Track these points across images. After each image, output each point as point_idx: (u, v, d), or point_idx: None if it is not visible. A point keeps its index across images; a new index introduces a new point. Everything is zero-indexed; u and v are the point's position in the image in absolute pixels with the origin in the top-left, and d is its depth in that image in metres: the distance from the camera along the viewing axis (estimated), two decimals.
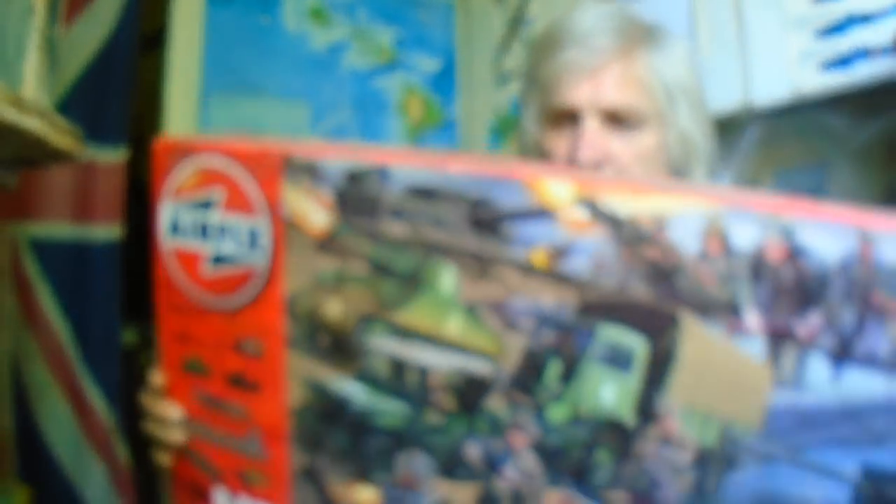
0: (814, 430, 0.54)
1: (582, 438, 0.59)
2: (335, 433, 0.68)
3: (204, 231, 0.69)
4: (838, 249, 0.51)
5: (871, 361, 0.52)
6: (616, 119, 0.97)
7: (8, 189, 0.99)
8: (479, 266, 0.60)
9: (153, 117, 2.18)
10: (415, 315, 0.63)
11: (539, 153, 1.03)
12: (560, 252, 0.57)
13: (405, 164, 0.61)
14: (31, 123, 0.92)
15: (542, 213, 0.57)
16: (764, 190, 1.62)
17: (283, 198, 0.65)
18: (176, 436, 0.75)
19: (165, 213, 0.71)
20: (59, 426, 1.87)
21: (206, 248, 0.70)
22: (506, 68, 2.30)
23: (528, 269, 0.58)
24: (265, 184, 0.66)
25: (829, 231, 0.51)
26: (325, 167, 0.63)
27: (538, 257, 0.58)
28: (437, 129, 2.65)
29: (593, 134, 0.96)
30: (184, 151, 0.69)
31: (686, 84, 1.01)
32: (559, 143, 1.00)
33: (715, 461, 0.56)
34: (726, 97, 1.63)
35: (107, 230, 1.97)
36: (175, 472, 0.76)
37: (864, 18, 1.44)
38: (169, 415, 0.74)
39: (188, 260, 0.70)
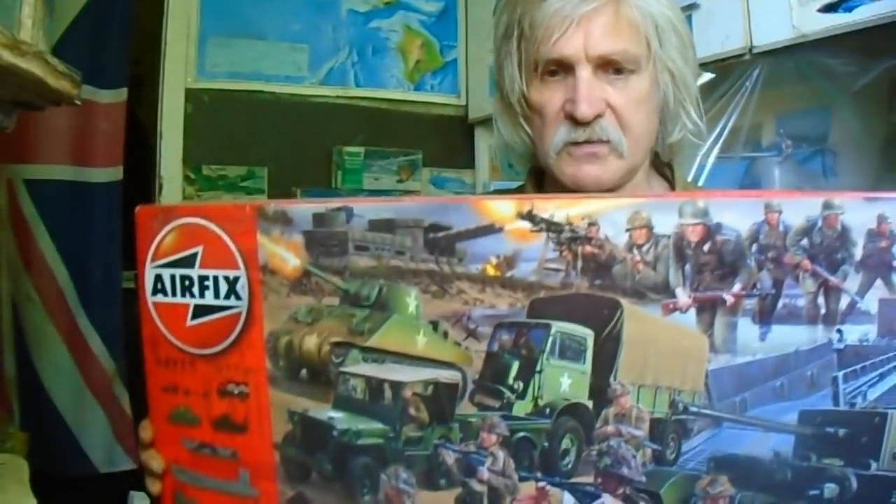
0: (752, 387, 0.61)
1: (546, 429, 0.65)
2: (320, 460, 0.73)
3: (185, 286, 0.75)
4: (748, 220, 0.59)
5: (792, 315, 0.59)
6: (610, 66, 0.95)
7: (6, 131, 0.97)
8: (439, 285, 0.67)
9: (151, 60, 2.25)
10: (385, 338, 0.69)
11: (528, 106, 1.01)
12: (509, 261, 0.64)
13: (366, 203, 0.69)
14: (29, 66, 0.92)
15: (489, 229, 0.64)
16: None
17: (258, 247, 0.72)
18: (157, 487, 0.80)
19: (149, 274, 0.77)
20: (57, 371, 1.86)
21: (188, 301, 0.76)
22: None
23: (482, 281, 0.65)
24: (241, 237, 0.72)
25: (739, 206, 0.59)
26: (294, 212, 0.71)
27: (490, 268, 0.65)
28: (437, 70, 2.73)
29: (589, 86, 0.95)
30: (164, 216, 0.76)
31: (675, 23, 1.00)
32: (552, 96, 0.97)
33: (670, 431, 0.62)
34: (728, 39, 1.66)
35: (106, 171, 1.98)
36: None
37: None
38: (151, 466, 0.77)
39: (173, 313, 0.76)
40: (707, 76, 1.72)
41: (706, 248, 0.59)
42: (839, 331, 0.57)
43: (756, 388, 0.60)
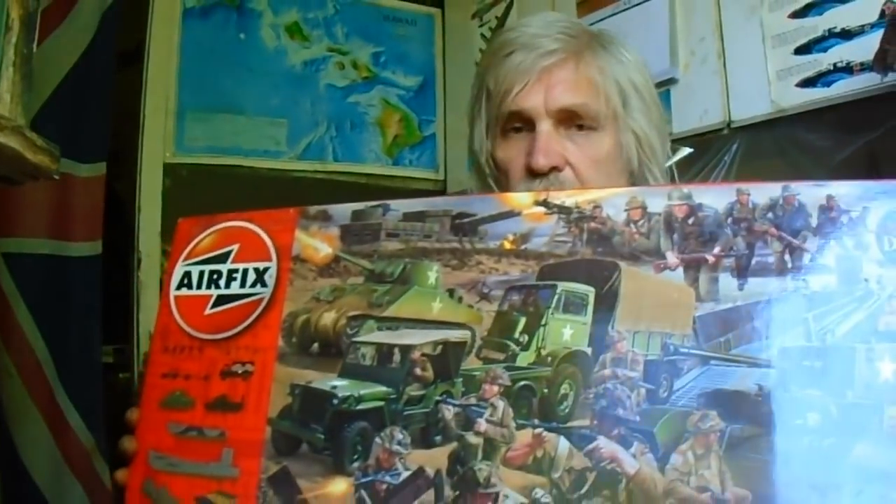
0: (734, 329, 0.72)
1: (546, 376, 0.73)
2: (313, 430, 0.78)
3: (213, 279, 0.86)
4: (723, 201, 0.76)
5: (764, 270, 0.73)
6: (570, 121, 1.02)
7: None
8: (459, 259, 0.80)
9: (130, 134, 2.27)
10: (401, 308, 0.80)
11: (493, 165, 1.06)
12: (524, 237, 0.79)
13: (402, 200, 0.84)
14: (7, 141, 0.95)
15: (509, 214, 0.80)
16: None
17: (293, 241, 0.84)
18: (122, 475, 0.84)
19: (178, 272, 0.87)
20: (36, 448, 1.84)
21: (212, 292, 0.85)
22: None
23: (499, 254, 0.78)
24: (279, 234, 0.86)
25: (715, 191, 0.77)
26: (334, 210, 0.85)
27: (507, 243, 0.79)
28: (415, 145, 2.77)
29: (548, 139, 1.00)
30: (207, 222, 0.89)
31: (639, 85, 1.06)
32: (516, 153, 1.03)
33: (662, 371, 0.71)
34: (707, 114, 1.71)
35: (85, 245, 2.00)
36: None
37: (843, 35, 1.54)
38: (125, 447, 0.79)
39: (193, 304, 0.87)
40: (686, 150, 1.81)
41: (690, 221, 0.75)
42: (805, 280, 0.71)
43: (738, 330, 0.71)
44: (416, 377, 0.79)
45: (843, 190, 0.75)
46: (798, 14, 1.69)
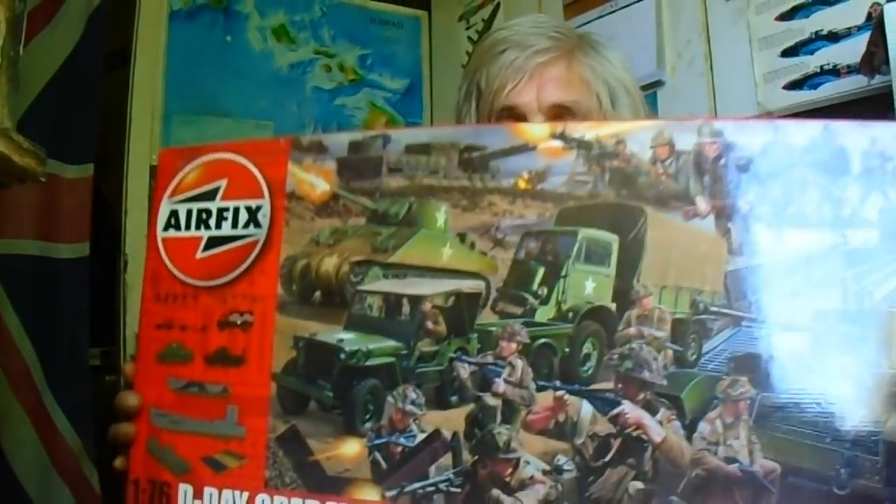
0: (768, 287, 0.67)
1: (568, 333, 0.69)
2: (321, 387, 0.74)
3: (202, 219, 0.80)
4: (758, 141, 0.69)
5: (801, 221, 0.67)
6: (562, 118, 1.06)
7: None
8: (470, 199, 0.73)
9: (117, 136, 2.32)
10: (409, 253, 0.74)
11: None
12: (540, 175, 0.72)
13: (403, 130, 0.76)
14: None
15: (523, 148, 0.72)
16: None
17: (286, 176, 0.77)
18: (127, 429, 0.75)
19: (163, 210, 0.80)
20: (24, 452, 1.87)
21: (202, 234, 0.79)
22: None
23: (513, 194, 0.72)
24: (270, 167, 0.79)
25: (749, 128, 0.69)
26: (330, 141, 0.77)
27: (521, 182, 0.72)
28: None
29: None
30: (190, 154, 0.81)
31: (627, 84, 1.11)
32: None
33: (691, 331, 0.67)
34: (693, 115, 1.74)
35: (72, 247, 2.02)
36: (134, 475, 0.76)
37: (830, 38, 1.59)
38: (129, 403, 0.75)
39: (183, 247, 0.81)
40: None
41: (722, 162, 0.68)
42: (844, 235, 0.65)
43: (771, 288, 0.66)
44: (428, 331, 0.75)
45: (889, 133, 0.69)
46: (785, 16, 1.70)
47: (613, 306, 0.73)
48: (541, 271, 0.75)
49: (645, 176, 0.75)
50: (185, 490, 0.79)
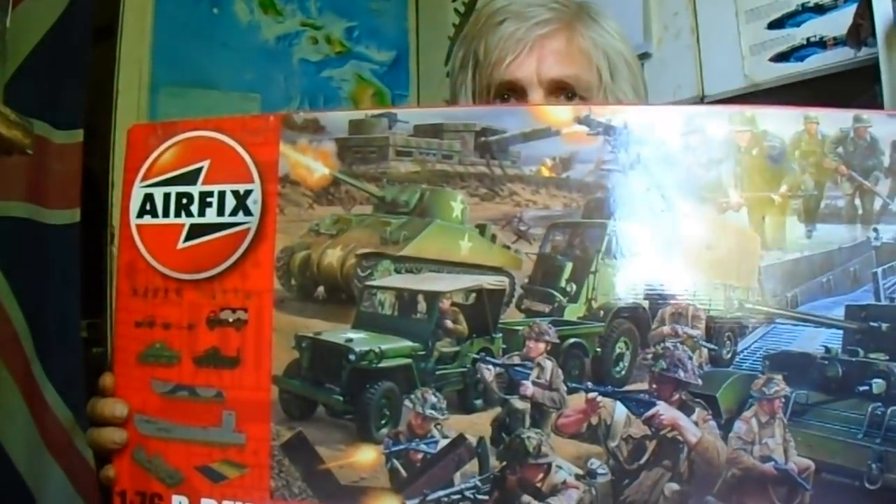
0: (801, 283, 0.66)
1: (599, 332, 0.66)
2: (329, 392, 0.70)
3: (182, 204, 0.73)
4: (790, 129, 0.67)
5: (833, 215, 0.66)
6: (561, 91, 1.08)
7: None
8: (489, 187, 0.69)
9: (104, 109, 2.29)
10: (423, 246, 0.70)
11: None
12: (565, 163, 0.69)
13: (412, 109, 0.70)
14: None
15: (546, 132, 0.68)
16: None
17: (279, 158, 0.70)
18: (118, 436, 0.68)
19: (136, 195, 0.72)
20: (12, 419, 1.80)
21: (182, 221, 0.72)
22: None
23: (536, 182, 0.68)
24: (259, 148, 0.74)
25: (782, 116, 0.68)
26: (327, 119, 0.71)
27: (545, 170, 0.68)
28: None
29: None
30: (164, 131, 0.74)
31: (626, 56, 1.12)
32: None
33: (726, 329, 0.66)
34: (680, 89, 1.77)
35: (62, 213, 1.98)
36: (120, 486, 0.69)
37: (817, 10, 1.63)
38: (115, 412, 0.68)
39: (161, 235, 0.76)
40: None
41: (754, 152, 0.66)
42: (875, 229, 0.65)
43: (805, 285, 0.66)
44: (448, 331, 0.71)
45: None
46: None
47: (646, 304, 0.71)
48: (568, 267, 0.72)
49: (678, 166, 0.73)
50: (179, 502, 0.74)
